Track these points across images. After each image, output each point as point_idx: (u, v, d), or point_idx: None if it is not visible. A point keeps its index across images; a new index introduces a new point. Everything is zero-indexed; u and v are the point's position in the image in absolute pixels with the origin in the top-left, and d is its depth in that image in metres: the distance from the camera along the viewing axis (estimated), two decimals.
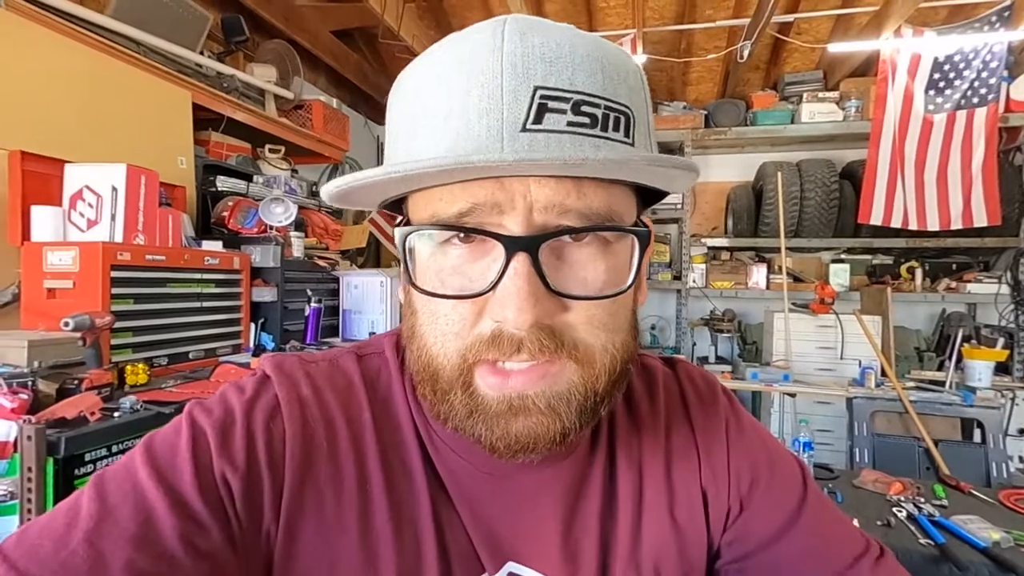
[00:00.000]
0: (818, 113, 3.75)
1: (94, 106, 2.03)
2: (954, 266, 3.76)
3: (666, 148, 4.18)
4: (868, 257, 4.00)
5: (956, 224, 3.36)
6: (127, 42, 2.19)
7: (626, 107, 0.36)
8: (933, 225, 3.41)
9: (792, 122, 3.82)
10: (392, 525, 0.42)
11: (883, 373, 2.89)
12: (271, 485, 0.40)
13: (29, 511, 1.16)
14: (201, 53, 2.60)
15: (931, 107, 3.35)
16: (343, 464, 0.42)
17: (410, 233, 0.38)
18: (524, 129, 0.33)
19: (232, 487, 0.39)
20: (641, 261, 0.39)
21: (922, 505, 1.52)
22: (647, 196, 0.43)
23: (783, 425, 3.16)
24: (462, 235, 0.36)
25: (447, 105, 0.35)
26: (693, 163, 0.37)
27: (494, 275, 0.35)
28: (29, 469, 1.16)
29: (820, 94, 3.79)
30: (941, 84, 3.31)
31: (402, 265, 0.40)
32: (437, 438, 0.45)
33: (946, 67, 3.29)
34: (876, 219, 3.44)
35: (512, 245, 0.34)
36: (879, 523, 1.44)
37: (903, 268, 3.78)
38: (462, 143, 0.34)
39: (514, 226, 0.35)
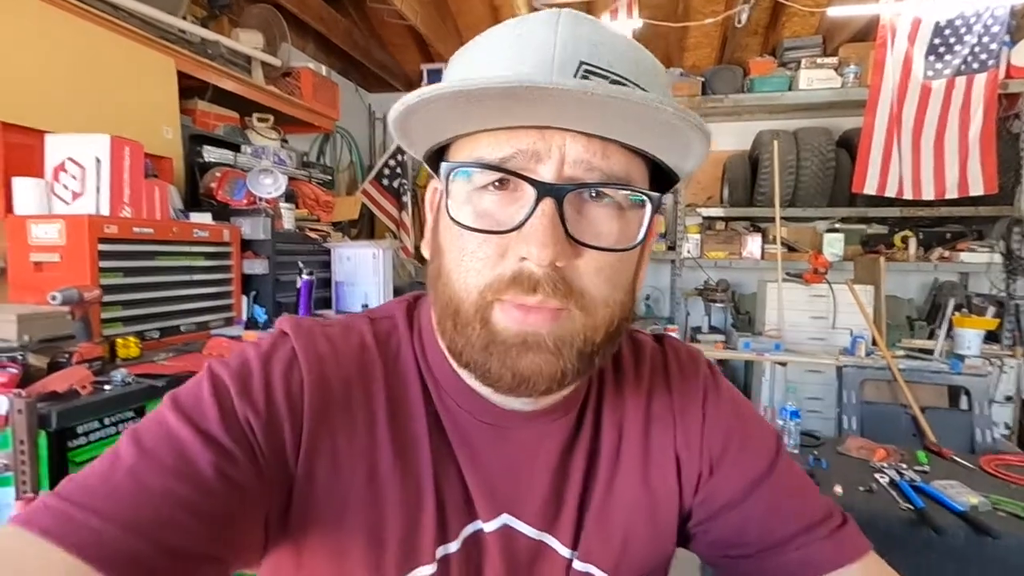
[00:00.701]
0: (816, 80, 3.68)
1: (75, 74, 1.98)
2: (948, 235, 3.75)
3: None
4: (863, 227, 3.99)
5: (952, 193, 3.34)
6: (106, 7, 2.12)
7: (650, 91, 0.40)
8: (928, 194, 3.38)
9: (790, 89, 3.75)
10: (396, 471, 0.46)
11: (874, 342, 2.92)
12: (291, 427, 0.44)
13: (24, 483, 1.18)
14: (184, 18, 2.53)
15: (930, 73, 3.29)
16: (355, 413, 0.46)
17: (456, 168, 0.41)
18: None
19: (254, 427, 0.42)
20: (651, 222, 0.43)
21: (904, 471, 1.55)
22: (658, 181, 0.46)
23: (773, 394, 3.20)
24: (498, 183, 0.41)
25: (502, 57, 0.40)
26: (708, 130, 0.40)
27: (522, 216, 0.39)
28: (21, 442, 1.17)
29: (819, 60, 3.71)
30: (941, 49, 3.25)
31: (438, 221, 0.45)
32: (444, 393, 0.49)
33: (947, 31, 3.22)
34: (871, 188, 3.42)
35: (543, 190, 0.38)
36: (862, 488, 1.48)
37: (897, 237, 3.78)
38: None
39: (547, 174, 0.39)
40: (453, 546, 0.47)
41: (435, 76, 4.29)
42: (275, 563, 0.46)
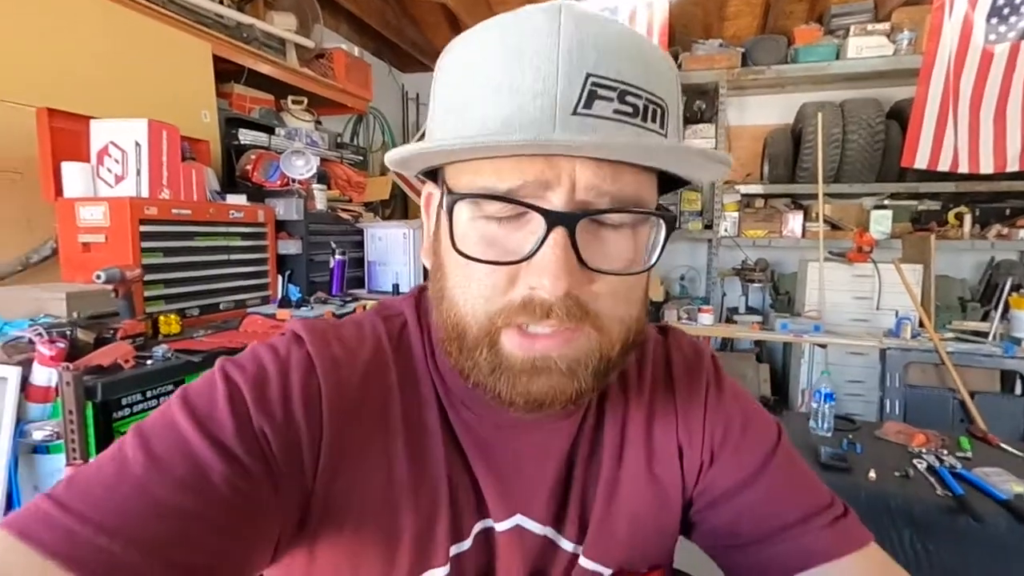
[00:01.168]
0: (866, 48, 3.48)
1: (117, 61, 2.05)
2: (1007, 211, 3.53)
3: (699, 89, 3.99)
4: (913, 203, 3.78)
5: (1013, 166, 3.12)
6: None
7: (662, 100, 0.39)
8: (987, 168, 3.17)
9: (837, 58, 3.57)
10: (411, 475, 0.45)
11: (921, 324, 2.79)
12: (308, 437, 0.42)
13: (73, 450, 1.25)
14: (220, 2, 2.57)
15: (992, 37, 3.06)
16: (372, 419, 0.45)
17: (459, 200, 0.40)
18: (575, 112, 0.36)
19: (270, 438, 0.41)
20: (666, 242, 0.42)
21: (944, 457, 1.49)
22: (667, 182, 0.45)
23: (811, 376, 3.11)
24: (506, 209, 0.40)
25: (500, 79, 0.37)
26: (727, 156, 0.39)
27: (532, 245, 0.38)
28: (70, 412, 1.24)
29: (869, 26, 3.51)
30: (1005, 11, 3.01)
31: (438, 228, 0.44)
32: (454, 395, 0.49)
33: None
34: (921, 162, 3.23)
35: (554, 219, 0.37)
36: (897, 474, 1.43)
37: (951, 214, 3.58)
38: (517, 119, 0.36)
39: (557, 202, 0.38)
40: (466, 544, 0.47)
41: None
42: (287, 565, 0.46)
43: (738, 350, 4.07)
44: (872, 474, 1.42)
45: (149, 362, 1.45)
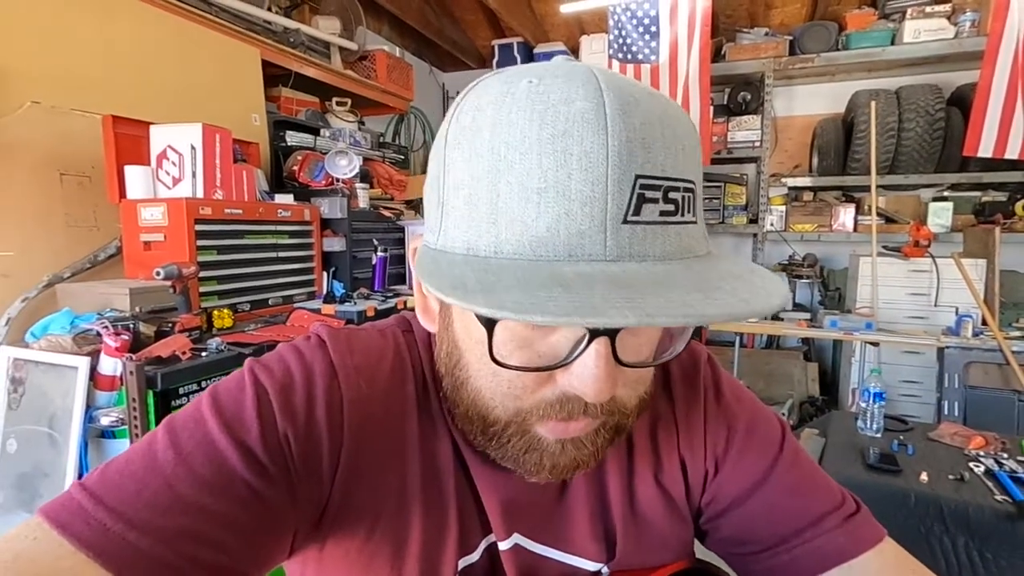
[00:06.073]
0: (924, 31, 3.31)
1: (173, 68, 2.17)
2: None
3: (744, 80, 3.88)
4: (977, 194, 3.58)
5: None
6: (199, 2, 2.29)
7: (693, 181, 0.37)
8: None
9: (892, 43, 3.40)
10: (424, 489, 0.46)
11: (984, 321, 2.64)
12: (329, 447, 0.43)
13: (136, 436, 1.34)
14: (268, 9, 2.68)
15: None
16: (390, 431, 0.46)
17: (502, 317, 0.31)
18: (625, 221, 0.33)
19: (292, 445, 0.41)
20: (696, 333, 0.42)
21: (1004, 461, 1.41)
22: None
23: (862, 376, 2.99)
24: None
25: (542, 178, 0.33)
26: (772, 307, 0.33)
27: (567, 347, 0.37)
28: (133, 400, 1.33)
29: (928, 8, 3.33)
30: None
31: (448, 309, 0.42)
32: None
33: None
34: (986, 150, 3.05)
35: (598, 329, 0.35)
36: (951, 477, 1.36)
37: (1019, 206, 3.36)
38: (564, 227, 0.33)
39: None
40: (474, 557, 0.47)
41: (506, 52, 4.28)
42: (299, 562, 0.47)
43: (785, 348, 3.96)
44: (924, 476, 1.36)
45: (204, 354, 1.53)
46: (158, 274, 1.60)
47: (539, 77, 0.35)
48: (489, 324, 0.36)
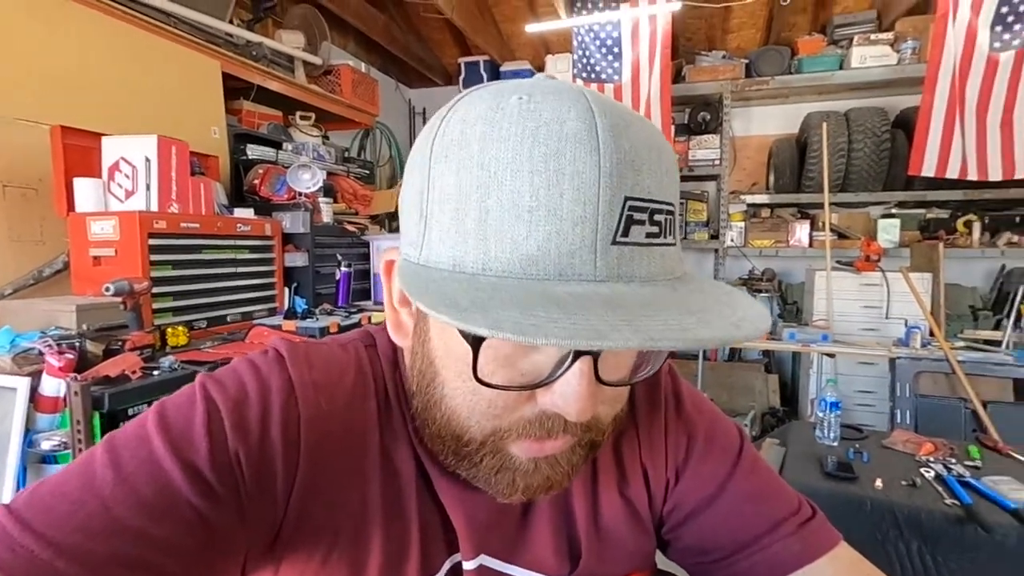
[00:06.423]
0: (870, 57, 3.49)
1: (129, 79, 2.11)
2: (1017, 219, 3.49)
3: (704, 100, 4.01)
4: (921, 211, 3.76)
5: (1022, 173, 3.10)
6: (158, 14, 2.25)
7: (673, 204, 0.37)
8: (995, 175, 3.14)
9: (841, 68, 3.58)
10: (384, 508, 0.44)
11: (931, 333, 2.76)
12: (284, 467, 0.41)
13: None
14: (231, 21, 2.64)
15: (997, 44, 3.05)
16: (350, 450, 0.44)
17: (502, 338, 0.31)
18: (615, 242, 0.33)
19: (244, 465, 0.39)
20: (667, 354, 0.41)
21: (952, 466, 1.47)
22: None
23: (820, 386, 3.07)
24: None
25: (533, 196, 0.32)
26: (760, 331, 0.35)
27: (550, 366, 0.36)
28: (78, 422, 1.26)
29: (872, 36, 3.52)
30: (1009, 18, 3.01)
31: (423, 323, 0.41)
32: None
33: None
34: (929, 170, 3.21)
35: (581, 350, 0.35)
36: (903, 483, 1.41)
37: (960, 222, 3.55)
38: (555, 246, 0.32)
39: None
40: None
41: (472, 69, 4.32)
42: None
43: (747, 360, 4.05)
44: (879, 483, 1.40)
45: (156, 373, 1.47)
46: (108, 290, 1.54)
47: (528, 94, 0.35)
48: (475, 343, 0.35)
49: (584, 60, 3.70)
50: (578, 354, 0.35)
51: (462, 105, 0.37)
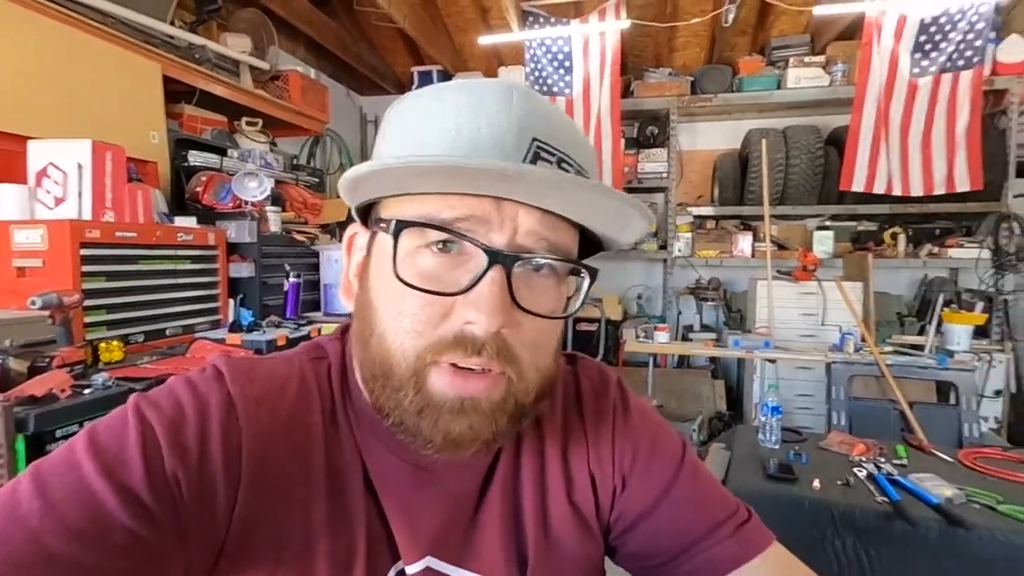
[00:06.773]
0: (804, 78, 3.70)
1: (60, 80, 1.99)
2: (937, 231, 3.76)
3: (652, 115, 4.14)
4: (853, 224, 4.00)
5: (939, 189, 3.35)
6: (93, 13, 2.14)
7: (588, 173, 0.44)
8: (916, 191, 3.39)
9: (778, 88, 3.77)
10: (329, 521, 0.44)
11: (863, 338, 2.92)
12: (226, 484, 0.40)
13: (1, 485, 1.18)
14: (172, 23, 2.54)
15: (916, 70, 3.30)
16: (293, 465, 0.44)
17: (408, 227, 0.41)
18: (523, 163, 0.40)
19: (183, 485, 0.38)
20: (586, 297, 0.46)
21: (882, 465, 1.56)
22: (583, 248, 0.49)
23: (763, 391, 3.20)
24: (442, 244, 0.41)
25: (458, 124, 0.40)
26: (651, 214, 0.43)
27: (468, 280, 0.40)
28: (0, 445, 1.17)
29: (806, 59, 3.73)
30: (927, 47, 3.26)
31: (367, 264, 0.46)
32: (369, 439, 0.48)
33: (932, 29, 3.23)
34: (858, 185, 3.43)
35: (495, 257, 0.39)
36: (839, 483, 1.48)
37: (887, 234, 3.79)
38: (476, 154, 0.39)
39: (499, 242, 0.40)
40: None
41: (425, 79, 4.30)
42: None
43: (694, 367, 4.17)
44: (816, 483, 1.47)
45: (87, 391, 1.39)
46: (34, 303, 1.45)
47: (469, 82, 0.43)
48: (396, 232, 0.40)
49: (536, 73, 3.76)
50: (492, 263, 0.39)
51: (417, 92, 0.45)
